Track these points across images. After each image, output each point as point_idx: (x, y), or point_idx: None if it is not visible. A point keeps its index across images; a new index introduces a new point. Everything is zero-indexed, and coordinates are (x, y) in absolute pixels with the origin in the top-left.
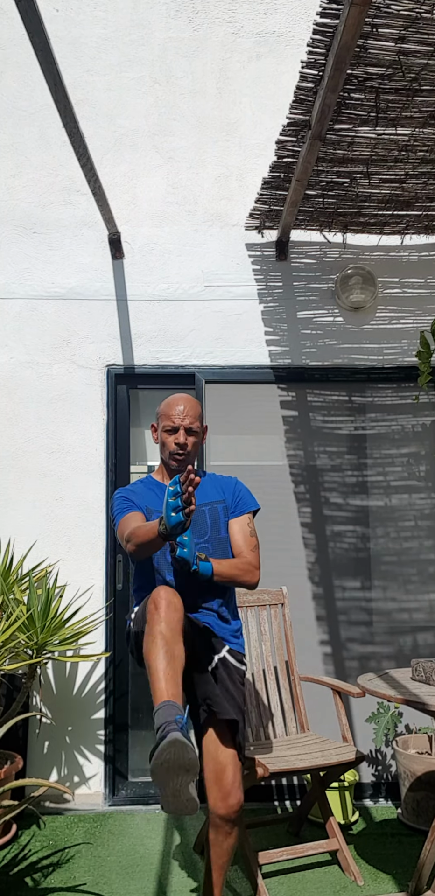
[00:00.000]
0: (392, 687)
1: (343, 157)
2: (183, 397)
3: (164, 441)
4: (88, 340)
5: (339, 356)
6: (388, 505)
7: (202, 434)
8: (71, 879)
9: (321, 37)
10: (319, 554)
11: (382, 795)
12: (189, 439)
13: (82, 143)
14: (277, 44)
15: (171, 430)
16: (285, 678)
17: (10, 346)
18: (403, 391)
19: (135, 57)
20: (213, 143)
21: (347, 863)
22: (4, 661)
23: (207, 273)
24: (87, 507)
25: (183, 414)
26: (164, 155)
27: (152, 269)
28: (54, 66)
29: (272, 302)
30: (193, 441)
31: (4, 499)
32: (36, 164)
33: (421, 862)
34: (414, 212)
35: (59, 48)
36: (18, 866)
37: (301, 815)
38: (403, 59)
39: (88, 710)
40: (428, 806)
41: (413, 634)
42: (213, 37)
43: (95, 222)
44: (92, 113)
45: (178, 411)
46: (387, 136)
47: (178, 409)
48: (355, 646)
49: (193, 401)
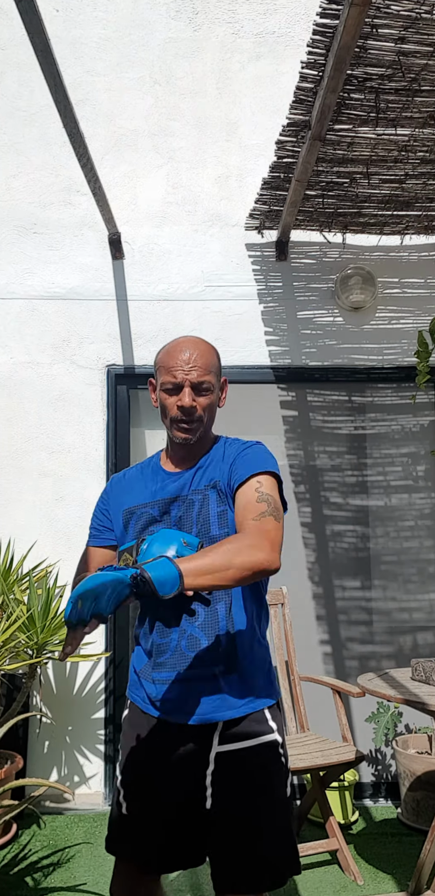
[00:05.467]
0: (392, 687)
1: (343, 157)
2: (190, 340)
3: (163, 403)
4: (88, 340)
5: (339, 356)
6: (388, 505)
7: (221, 392)
8: (71, 879)
9: (321, 37)
10: (319, 554)
11: (382, 795)
12: (199, 400)
13: (82, 144)
14: (277, 44)
15: (172, 388)
16: (285, 678)
17: (11, 347)
18: (403, 391)
19: (135, 57)
20: (213, 143)
21: (346, 862)
22: (5, 661)
23: (207, 273)
24: (87, 507)
25: (189, 364)
26: (164, 155)
27: (152, 270)
28: (54, 67)
29: (272, 302)
30: (205, 402)
31: (4, 499)
32: (36, 164)
33: (421, 861)
34: (414, 212)
35: (59, 48)
36: (19, 866)
37: (301, 814)
38: (403, 59)
39: (88, 709)
40: (428, 806)
41: (413, 634)
42: (213, 37)
43: (95, 222)
44: (92, 113)
45: (181, 360)
46: (387, 137)
47: (182, 357)
48: (355, 645)
49: (204, 344)
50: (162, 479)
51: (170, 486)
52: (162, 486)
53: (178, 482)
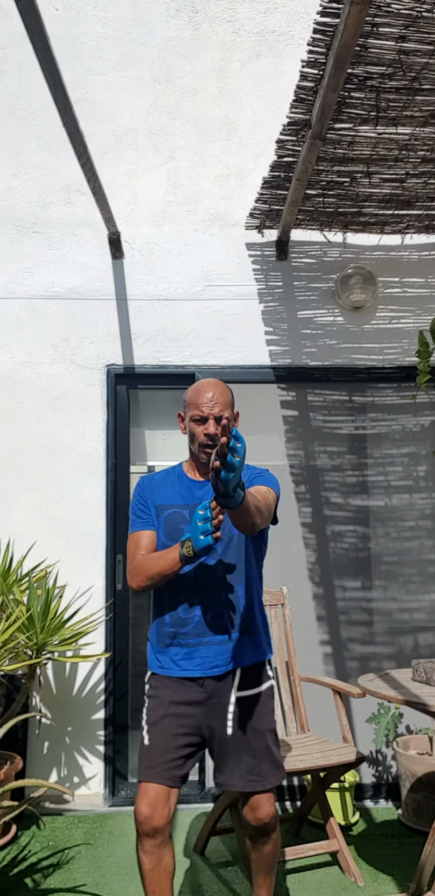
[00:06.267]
0: (393, 687)
1: (343, 156)
2: (212, 382)
3: (192, 432)
4: (88, 340)
5: (339, 356)
6: (388, 505)
7: (235, 421)
8: (71, 880)
9: (322, 36)
10: (320, 554)
11: (383, 796)
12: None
13: (82, 143)
14: (278, 43)
15: (199, 419)
16: (285, 678)
17: (10, 346)
18: (404, 391)
19: (135, 56)
20: (213, 142)
21: (347, 864)
22: (4, 662)
23: (207, 273)
24: (87, 507)
25: (212, 401)
26: (164, 154)
27: (152, 269)
28: (54, 66)
29: (272, 302)
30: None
31: (4, 499)
32: (36, 163)
33: (421, 863)
34: (414, 211)
35: (58, 47)
36: (18, 867)
37: (301, 815)
38: (404, 57)
39: (88, 710)
40: (428, 807)
41: (414, 635)
42: (213, 36)
43: (95, 222)
44: (92, 112)
45: (206, 399)
46: (387, 136)
47: (206, 396)
48: (356, 646)
49: (223, 386)
50: (187, 485)
51: (197, 492)
52: (189, 491)
53: (204, 489)
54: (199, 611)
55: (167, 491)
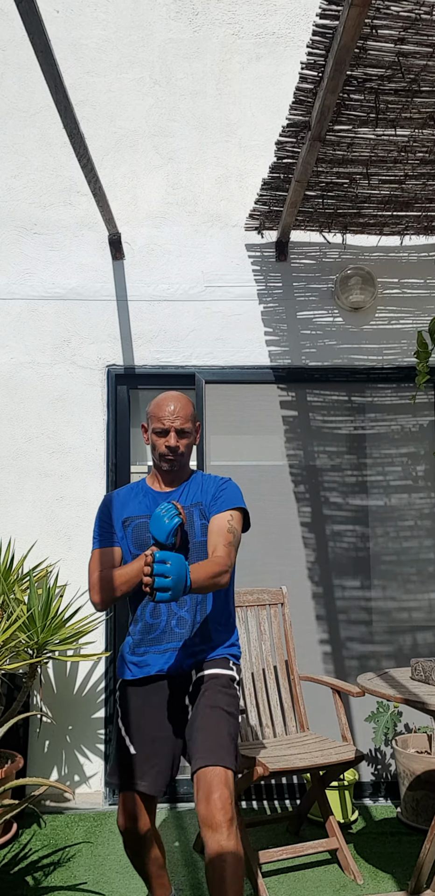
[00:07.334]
0: (392, 686)
1: (343, 157)
2: (173, 396)
3: (154, 443)
4: (89, 341)
5: (338, 356)
6: (387, 504)
7: (195, 434)
8: (71, 878)
9: (321, 38)
10: (319, 553)
11: (382, 794)
12: (181, 441)
13: (83, 144)
14: (277, 45)
15: (160, 431)
16: (285, 678)
17: (11, 347)
18: (403, 391)
19: (135, 58)
20: (212, 143)
21: (346, 862)
22: (5, 661)
23: (207, 273)
24: (87, 507)
25: (173, 415)
26: (164, 156)
27: (152, 270)
28: (55, 67)
29: (272, 302)
30: (186, 443)
31: (4, 499)
32: (36, 164)
33: (420, 861)
34: (413, 212)
35: (59, 49)
36: (19, 865)
37: (301, 814)
38: (403, 60)
39: (89, 709)
40: (427, 805)
41: (413, 634)
42: (213, 38)
43: (96, 223)
44: (92, 114)
45: (168, 412)
46: (386, 137)
47: (168, 409)
48: (355, 645)
49: (184, 399)
50: (153, 497)
51: (162, 502)
52: (154, 502)
53: (169, 499)
54: (166, 616)
55: (133, 504)
